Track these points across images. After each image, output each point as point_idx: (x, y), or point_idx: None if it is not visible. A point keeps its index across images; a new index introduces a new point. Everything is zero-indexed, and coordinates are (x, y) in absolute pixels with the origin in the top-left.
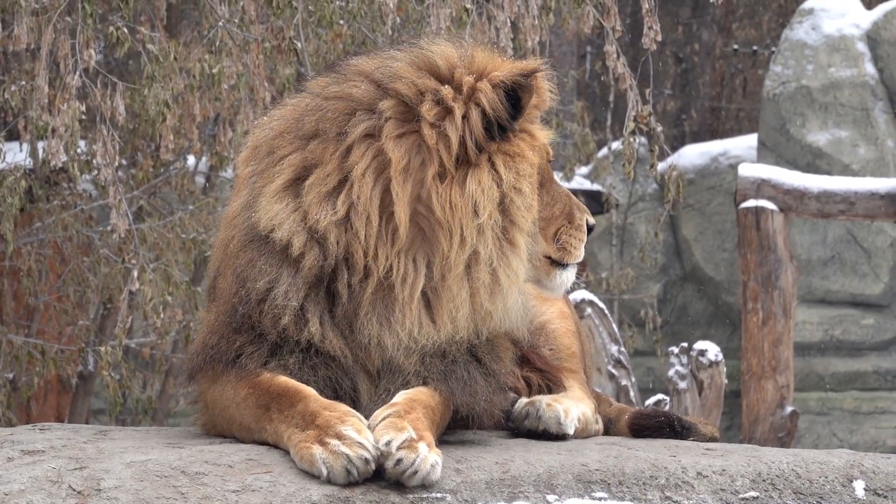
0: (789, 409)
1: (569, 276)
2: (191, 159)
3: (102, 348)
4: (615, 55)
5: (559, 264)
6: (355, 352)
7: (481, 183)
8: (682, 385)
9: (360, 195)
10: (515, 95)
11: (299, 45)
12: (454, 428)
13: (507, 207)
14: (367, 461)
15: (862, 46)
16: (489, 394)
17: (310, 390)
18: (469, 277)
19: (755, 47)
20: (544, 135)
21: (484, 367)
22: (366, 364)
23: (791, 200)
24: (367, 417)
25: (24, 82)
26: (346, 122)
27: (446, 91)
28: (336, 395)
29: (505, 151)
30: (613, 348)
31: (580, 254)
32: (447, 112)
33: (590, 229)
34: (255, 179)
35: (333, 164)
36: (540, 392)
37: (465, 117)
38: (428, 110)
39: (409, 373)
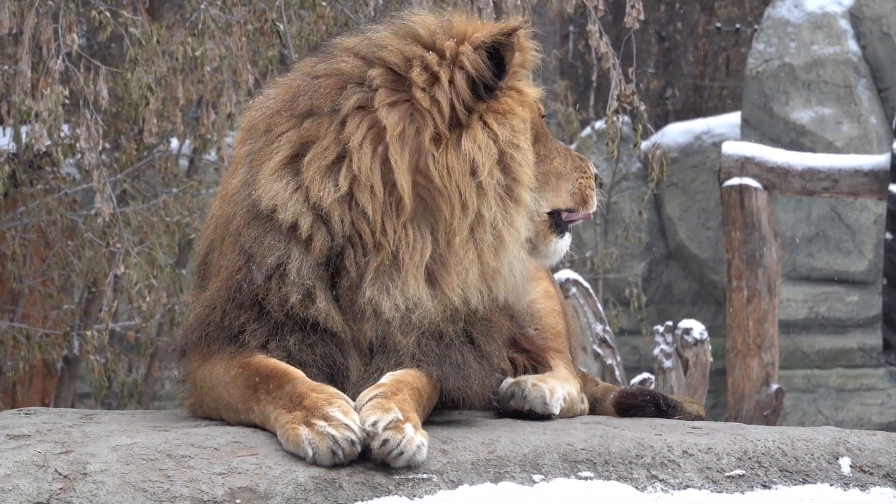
0: (774, 386)
1: (564, 243)
2: (174, 142)
3: (88, 332)
4: (598, 34)
5: (560, 230)
6: (352, 325)
7: (476, 140)
8: (668, 363)
9: (361, 166)
10: (498, 55)
11: (282, 27)
12: (442, 409)
13: (508, 164)
14: (352, 442)
15: (844, 24)
16: (482, 377)
17: (298, 372)
18: (474, 239)
19: (738, 25)
20: (533, 91)
21: (478, 349)
22: (359, 339)
23: (775, 178)
24: (355, 396)
25: (6, 67)
26: (338, 97)
27: (431, 57)
28: (332, 373)
29: (495, 110)
30: (598, 327)
31: (595, 202)
32: (434, 78)
33: (598, 180)
34: (252, 158)
35: (330, 138)
36: (525, 372)
37: (451, 81)
38: (418, 75)
39: (404, 353)
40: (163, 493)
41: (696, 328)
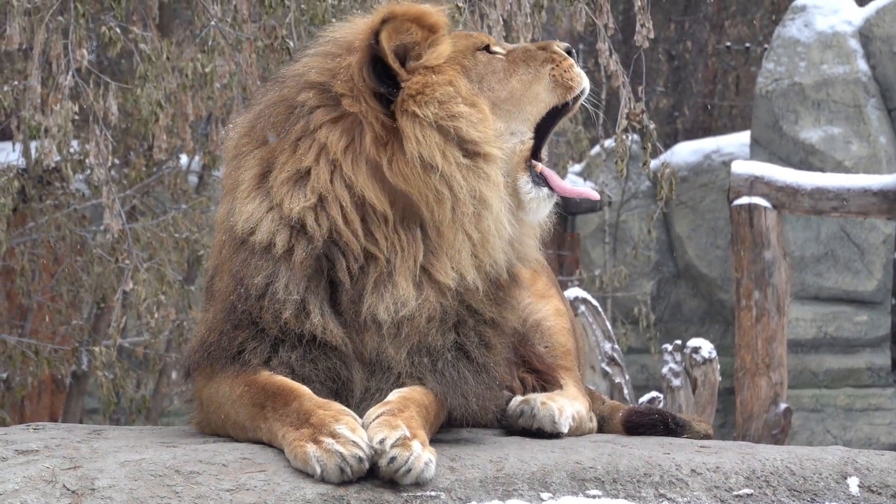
0: (783, 405)
1: (544, 194)
2: (183, 158)
3: (96, 348)
4: (607, 53)
5: (538, 182)
6: (354, 338)
7: (413, 136)
8: (676, 382)
9: (322, 183)
10: (378, 57)
11: (291, 43)
12: (449, 426)
13: (457, 135)
14: (360, 459)
15: (854, 43)
16: (482, 391)
17: (305, 389)
18: (457, 216)
19: (748, 44)
20: (443, 50)
21: (473, 363)
22: (362, 352)
23: (784, 197)
24: (358, 412)
25: (16, 82)
26: (286, 123)
27: (343, 74)
28: (336, 388)
29: (411, 96)
30: (607, 346)
31: (581, 77)
32: (352, 92)
33: (568, 53)
34: (232, 185)
35: (286, 155)
36: (535, 390)
37: (363, 99)
38: (341, 86)
39: (401, 372)
40: None
41: (705, 347)
